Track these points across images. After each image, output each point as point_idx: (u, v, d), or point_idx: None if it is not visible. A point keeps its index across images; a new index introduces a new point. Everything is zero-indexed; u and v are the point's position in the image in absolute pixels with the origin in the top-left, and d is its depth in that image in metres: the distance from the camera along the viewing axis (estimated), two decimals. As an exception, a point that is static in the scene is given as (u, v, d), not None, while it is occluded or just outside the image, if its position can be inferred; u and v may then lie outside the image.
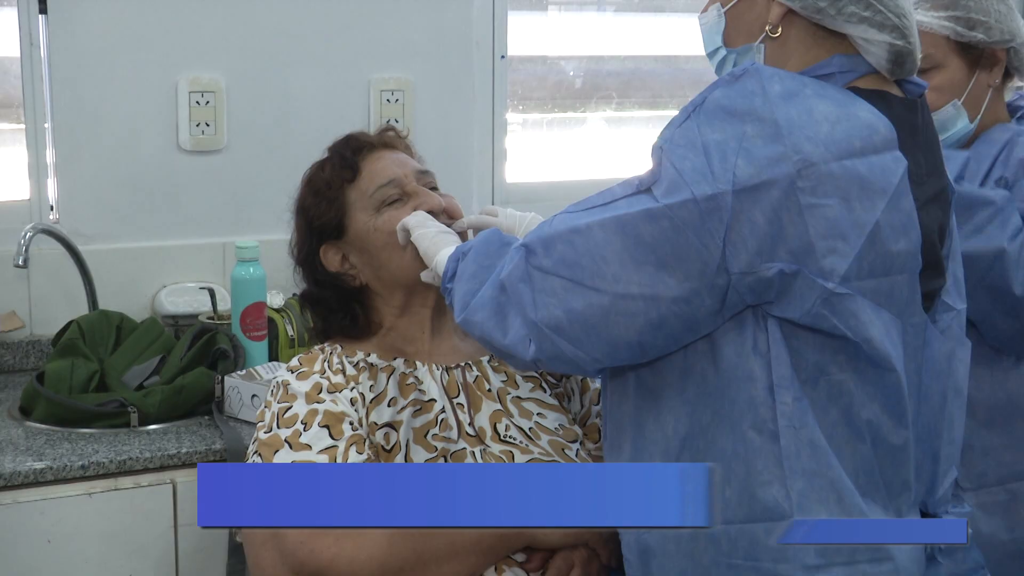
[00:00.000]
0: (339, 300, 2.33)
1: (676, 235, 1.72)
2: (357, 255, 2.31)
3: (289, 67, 3.23)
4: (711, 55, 2.03)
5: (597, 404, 2.42)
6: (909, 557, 1.84)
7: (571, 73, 3.77)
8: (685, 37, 3.83)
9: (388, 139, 2.40)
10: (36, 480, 2.39)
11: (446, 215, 2.30)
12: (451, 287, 2.00)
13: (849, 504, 1.80)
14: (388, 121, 3.26)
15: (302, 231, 2.35)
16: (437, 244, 2.14)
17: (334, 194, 2.31)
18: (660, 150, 1.76)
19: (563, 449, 2.27)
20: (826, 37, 1.89)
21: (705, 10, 2.03)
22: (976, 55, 2.48)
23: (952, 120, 2.48)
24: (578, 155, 3.79)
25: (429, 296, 2.32)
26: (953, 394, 1.97)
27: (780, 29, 1.90)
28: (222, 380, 2.69)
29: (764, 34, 1.92)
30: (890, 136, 1.77)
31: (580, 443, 2.33)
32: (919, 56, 1.92)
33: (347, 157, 2.32)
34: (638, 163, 3.66)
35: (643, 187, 1.75)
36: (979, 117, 2.50)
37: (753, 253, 1.72)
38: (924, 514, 1.96)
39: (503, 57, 3.53)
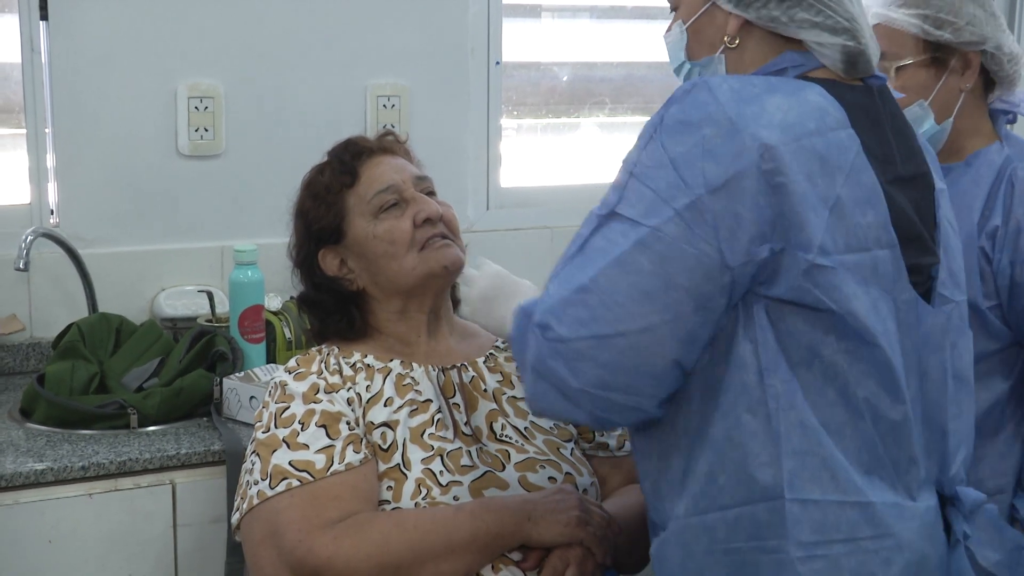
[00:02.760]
0: (336, 303, 2.33)
1: (672, 252, 1.74)
2: (355, 260, 2.30)
3: (287, 73, 3.23)
4: (677, 70, 2.09)
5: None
6: (917, 535, 1.87)
7: (565, 79, 3.77)
8: (677, 44, 3.84)
9: (387, 144, 2.39)
10: (37, 481, 2.38)
11: (443, 222, 2.30)
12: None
13: (844, 482, 1.82)
14: (385, 126, 3.26)
15: (301, 234, 2.35)
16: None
17: (333, 199, 2.30)
18: (630, 174, 1.80)
19: (558, 448, 2.27)
20: (782, 43, 1.96)
21: (669, 29, 2.09)
22: (945, 56, 2.47)
23: (918, 120, 2.46)
24: (571, 160, 3.79)
25: (425, 301, 2.32)
26: (956, 377, 1.99)
27: (738, 39, 1.97)
28: (220, 382, 2.69)
29: (723, 45, 1.98)
30: (840, 116, 1.83)
31: (575, 442, 2.34)
32: (874, 56, 1.97)
33: (346, 162, 2.32)
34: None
35: (607, 209, 1.78)
36: (950, 120, 2.49)
37: (746, 243, 1.75)
38: (939, 494, 1.97)
39: (498, 63, 3.53)
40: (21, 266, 2.79)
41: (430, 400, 2.23)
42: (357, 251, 2.29)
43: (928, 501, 1.92)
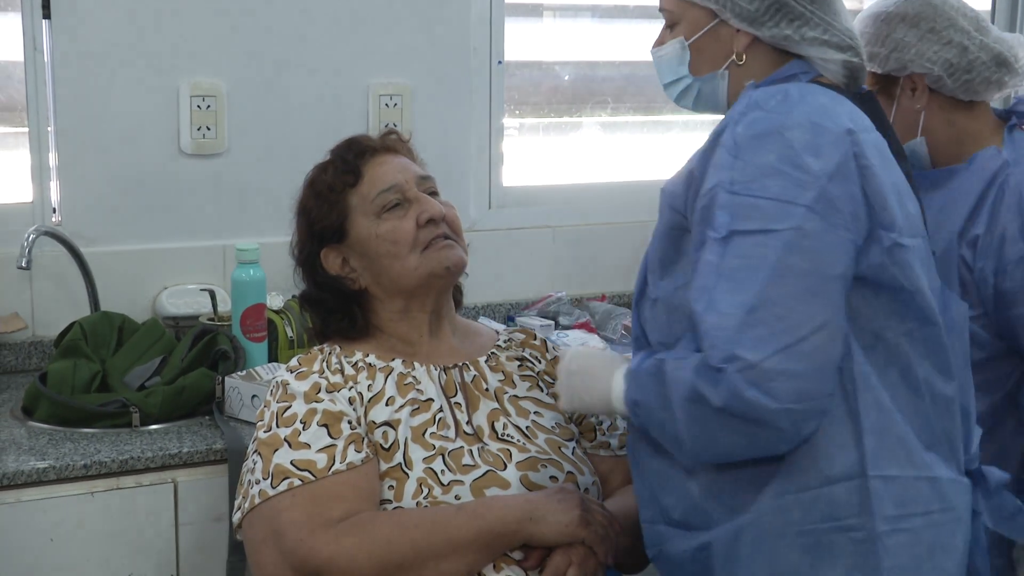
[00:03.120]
0: (338, 302, 2.32)
1: (819, 245, 1.83)
2: (357, 259, 2.30)
3: (289, 72, 3.23)
4: (671, 84, 2.18)
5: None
6: (967, 509, 1.99)
7: (567, 78, 3.77)
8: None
9: (390, 143, 2.39)
10: (39, 479, 2.38)
11: (446, 223, 2.30)
12: (653, 434, 1.98)
13: (918, 460, 1.93)
14: (387, 125, 3.26)
15: (303, 233, 2.35)
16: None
17: (336, 197, 2.30)
18: (730, 193, 1.85)
19: (560, 447, 2.27)
20: (785, 56, 2.08)
21: (660, 44, 2.18)
22: (891, 83, 2.58)
23: None
24: (573, 159, 3.79)
25: (427, 301, 2.31)
26: (969, 362, 2.10)
27: (744, 56, 2.08)
28: (223, 381, 2.69)
29: (729, 61, 2.09)
30: (867, 118, 1.98)
31: (576, 441, 2.34)
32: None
33: (349, 161, 2.32)
34: (632, 167, 3.68)
35: (724, 231, 1.84)
36: (921, 139, 2.58)
37: (864, 221, 1.88)
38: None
39: (500, 63, 3.53)
40: (23, 264, 2.79)
41: (432, 399, 2.23)
42: (359, 250, 2.29)
43: (965, 477, 2.02)
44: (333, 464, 2.08)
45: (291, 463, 2.08)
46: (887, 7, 2.58)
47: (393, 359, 2.27)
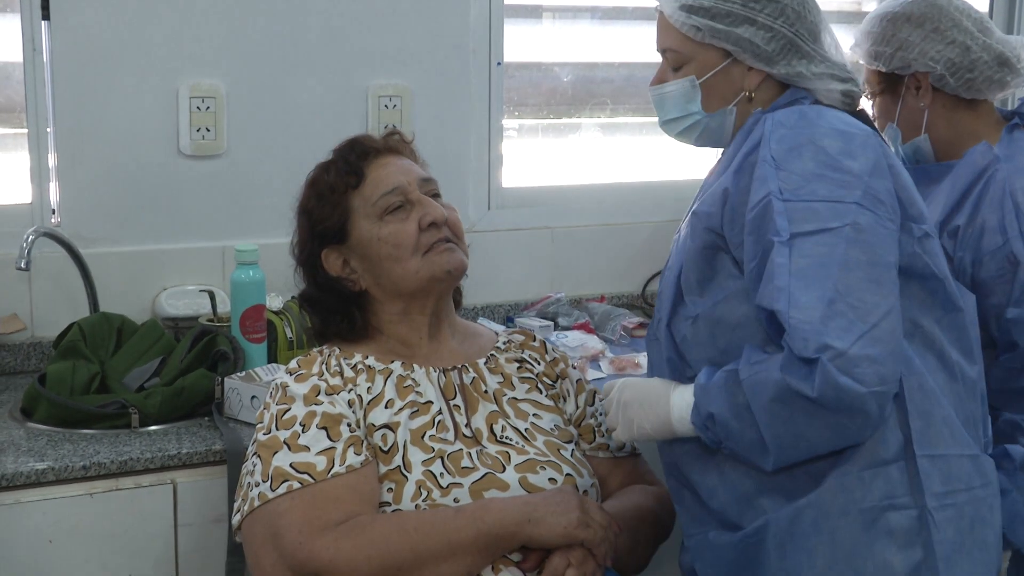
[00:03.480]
0: (338, 303, 2.32)
1: (873, 237, 1.96)
2: (358, 261, 2.30)
3: (288, 73, 3.23)
4: (677, 120, 2.27)
5: (592, 405, 2.44)
6: (996, 483, 2.13)
7: (566, 80, 3.77)
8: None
9: (393, 144, 2.39)
10: (38, 480, 2.38)
11: (448, 226, 2.30)
12: (728, 445, 2.05)
13: (960, 438, 2.08)
14: (387, 127, 3.26)
15: (304, 233, 2.34)
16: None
17: (338, 199, 2.30)
18: (783, 202, 1.97)
19: (559, 450, 2.27)
20: (787, 89, 2.21)
21: (662, 81, 2.27)
22: (896, 81, 2.68)
23: (894, 140, 2.71)
24: (572, 160, 3.79)
25: (428, 304, 2.32)
26: (980, 344, 2.24)
27: (755, 93, 2.20)
28: (222, 382, 2.69)
29: (740, 97, 2.20)
30: None
31: (575, 444, 2.34)
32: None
33: (352, 162, 2.31)
34: (631, 168, 3.68)
35: (786, 235, 1.95)
36: (924, 136, 2.69)
37: (897, 213, 2.03)
38: None
39: (499, 64, 3.53)
40: (22, 265, 2.79)
41: (431, 402, 2.23)
42: (361, 252, 2.29)
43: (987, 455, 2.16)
44: (332, 467, 2.07)
45: (290, 466, 2.08)
46: (893, 7, 2.66)
47: (392, 361, 2.27)
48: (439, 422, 2.21)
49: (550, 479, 2.20)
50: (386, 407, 2.19)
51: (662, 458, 2.28)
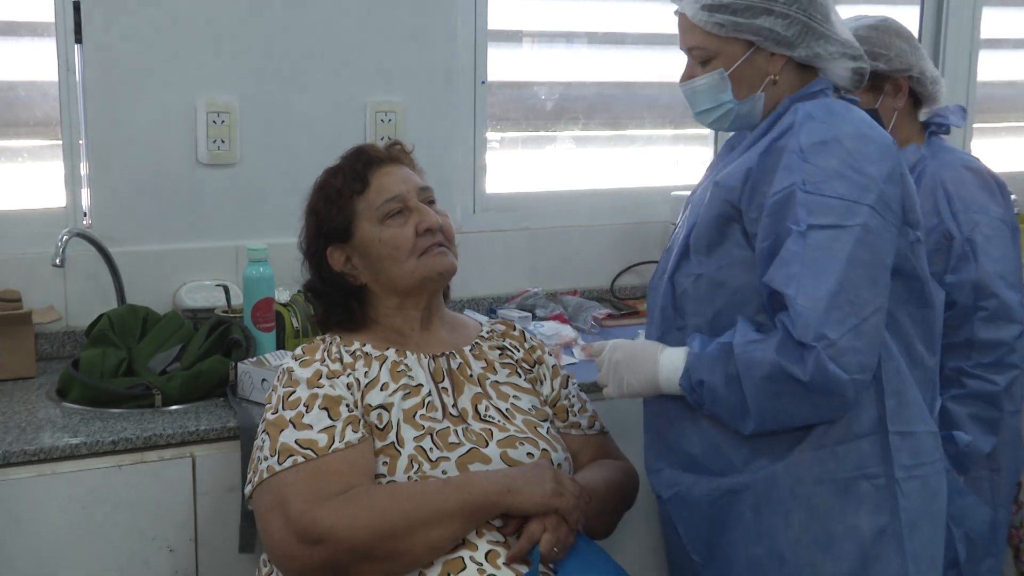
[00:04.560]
0: (339, 296, 2.33)
1: (877, 240, 1.99)
2: (360, 259, 2.30)
3: (295, 90, 3.23)
4: (709, 110, 2.25)
5: (566, 388, 2.44)
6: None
7: (543, 97, 3.77)
8: (642, 66, 3.85)
9: (395, 153, 2.39)
10: (72, 454, 2.38)
11: (441, 232, 2.31)
12: (713, 409, 2.10)
13: (924, 417, 2.12)
14: (383, 139, 3.27)
15: (312, 231, 2.35)
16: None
17: (344, 202, 2.30)
18: (805, 193, 1.98)
19: (536, 427, 2.28)
20: (806, 71, 2.21)
21: (691, 77, 2.24)
22: (880, 83, 2.72)
23: None
24: (549, 169, 3.79)
25: (421, 300, 2.32)
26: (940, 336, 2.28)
27: (779, 76, 2.19)
28: (236, 366, 2.69)
29: (766, 82, 2.19)
30: None
31: (550, 422, 2.35)
32: None
33: (358, 170, 2.31)
34: (601, 176, 3.69)
35: (803, 226, 1.97)
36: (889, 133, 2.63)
37: (900, 219, 2.05)
38: None
39: (483, 83, 3.53)
40: (57, 263, 2.79)
41: (421, 384, 2.24)
42: (362, 251, 2.29)
43: None
44: (333, 443, 2.08)
45: (295, 442, 2.08)
46: (876, 22, 2.75)
47: (387, 348, 2.27)
48: (429, 403, 2.22)
49: (528, 453, 2.21)
50: (381, 389, 2.20)
51: (645, 405, 2.33)
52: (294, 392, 2.16)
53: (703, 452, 2.17)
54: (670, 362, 2.15)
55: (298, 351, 2.27)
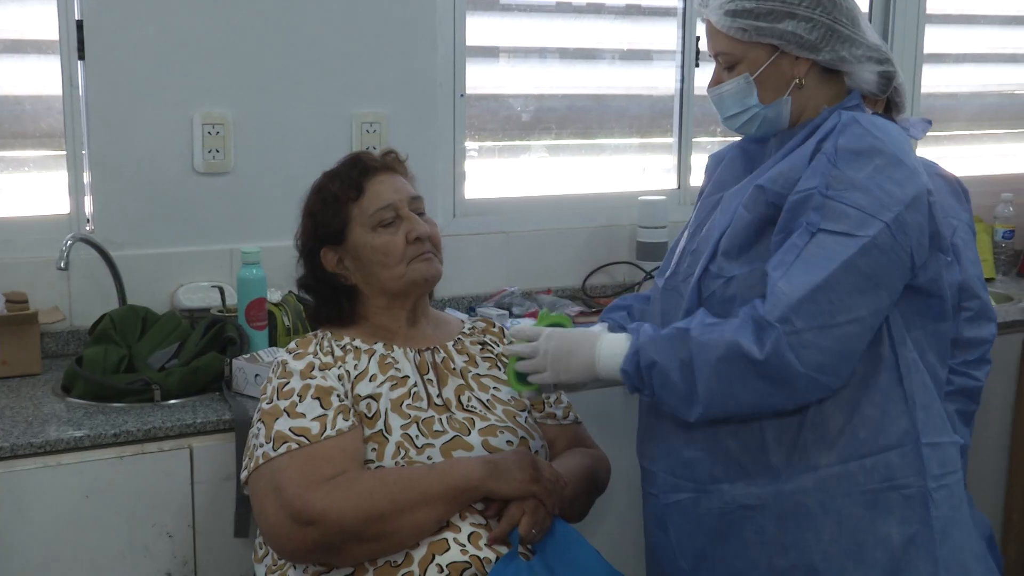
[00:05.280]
0: (331, 293, 2.32)
1: (882, 257, 1.87)
2: (351, 261, 2.29)
3: (285, 103, 3.21)
4: (737, 115, 2.12)
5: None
6: None
7: (518, 109, 3.76)
8: (611, 80, 3.84)
9: (390, 162, 2.37)
10: (76, 446, 2.36)
11: (430, 240, 2.28)
12: (660, 394, 1.98)
13: (947, 428, 2.03)
14: (369, 148, 3.25)
15: (308, 232, 2.33)
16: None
17: (339, 207, 2.28)
18: (824, 196, 1.89)
19: (515, 417, 2.27)
20: (832, 76, 2.08)
21: (719, 82, 2.12)
22: None
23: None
24: (524, 176, 3.78)
25: (408, 301, 2.31)
26: None
27: (804, 79, 2.07)
28: (230, 362, 2.67)
29: (792, 86, 2.06)
30: None
31: (528, 412, 2.34)
32: None
33: (354, 178, 2.29)
34: (572, 183, 3.68)
35: (814, 227, 1.88)
36: None
37: (925, 249, 1.94)
38: None
39: (462, 95, 3.52)
40: (62, 266, 2.77)
41: (408, 376, 2.23)
42: (354, 254, 2.28)
43: None
44: (325, 431, 2.07)
45: (289, 429, 2.07)
46: None
47: (376, 343, 2.26)
48: (415, 393, 2.21)
49: (508, 441, 2.20)
50: (370, 381, 2.19)
51: (641, 402, 2.22)
52: (288, 383, 2.14)
53: (707, 460, 2.05)
54: (609, 347, 2.03)
55: (292, 345, 2.25)
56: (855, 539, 1.96)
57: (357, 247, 2.27)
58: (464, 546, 2.04)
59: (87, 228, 3.06)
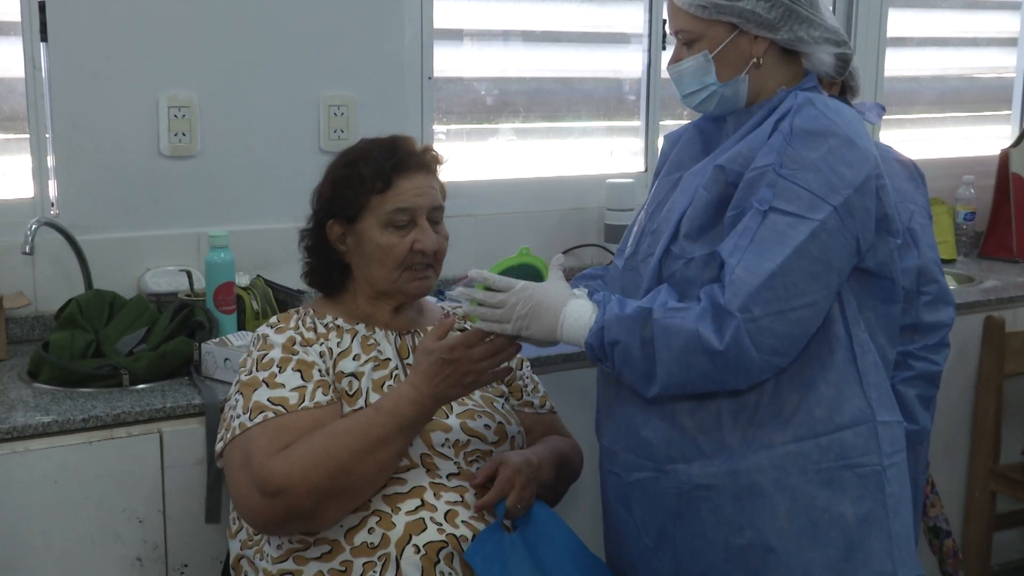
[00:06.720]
0: (324, 261, 2.29)
1: (831, 240, 1.90)
2: (354, 243, 2.25)
3: (252, 85, 3.18)
4: (695, 92, 2.12)
5: (520, 370, 2.44)
6: None
7: (484, 92, 3.75)
8: (577, 62, 3.83)
9: (427, 161, 2.30)
10: (44, 432, 2.33)
11: (434, 255, 2.25)
12: (621, 369, 1.99)
13: (895, 407, 2.07)
14: (337, 131, 3.23)
15: (325, 196, 2.28)
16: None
17: (361, 192, 2.22)
18: (777, 175, 1.91)
19: (492, 402, 2.28)
20: (790, 57, 2.10)
21: (678, 60, 2.12)
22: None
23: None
24: (491, 159, 3.77)
25: (393, 300, 2.29)
26: None
27: (762, 59, 2.07)
28: (199, 347, 2.65)
29: (750, 65, 2.07)
30: None
31: (505, 399, 2.34)
32: None
33: (386, 171, 2.22)
34: (539, 166, 3.67)
35: (766, 205, 1.90)
36: None
37: (871, 232, 1.96)
38: None
39: (430, 78, 3.49)
40: (27, 250, 2.74)
41: (389, 359, 2.22)
42: (358, 239, 2.24)
43: None
44: (303, 402, 2.06)
45: (268, 399, 2.06)
46: None
47: (358, 323, 2.25)
48: (396, 375, 2.20)
49: (485, 425, 2.20)
50: (353, 359, 2.18)
51: (600, 383, 2.22)
52: (268, 354, 2.13)
53: (664, 439, 2.05)
54: (575, 315, 2.01)
55: (273, 319, 2.24)
56: (810, 517, 1.97)
57: (363, 235, 2.23)
58: (440, 524, 2.03)
59: (52, 212, 3.02)
